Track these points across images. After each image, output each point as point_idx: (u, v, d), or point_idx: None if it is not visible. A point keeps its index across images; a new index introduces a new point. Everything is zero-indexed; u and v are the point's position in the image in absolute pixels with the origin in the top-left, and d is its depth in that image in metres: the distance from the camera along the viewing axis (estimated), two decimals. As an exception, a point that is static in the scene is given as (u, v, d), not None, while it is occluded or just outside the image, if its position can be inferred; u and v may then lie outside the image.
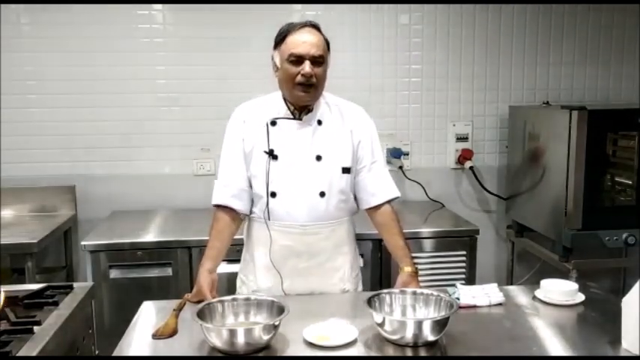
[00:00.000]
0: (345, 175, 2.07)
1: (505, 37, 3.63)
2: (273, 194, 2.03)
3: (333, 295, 2.12)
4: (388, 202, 2.13)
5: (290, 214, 2.04)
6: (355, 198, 2.15)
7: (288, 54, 1.96)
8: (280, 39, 1.99)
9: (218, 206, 2.10)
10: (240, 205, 2.09)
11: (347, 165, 2.07)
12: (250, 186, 2.09)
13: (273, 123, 2.05)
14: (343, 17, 3.50)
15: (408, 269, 2.05)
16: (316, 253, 2.08)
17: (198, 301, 1.92)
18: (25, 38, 3.32)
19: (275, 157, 2.03)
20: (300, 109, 2.05)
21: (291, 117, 2.06)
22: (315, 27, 2.01)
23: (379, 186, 2.13)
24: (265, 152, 2.03)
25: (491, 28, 3.62)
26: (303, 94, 1.99)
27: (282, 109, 2.06)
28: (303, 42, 1.95)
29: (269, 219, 2.05)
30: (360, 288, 2.24)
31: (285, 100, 2.07)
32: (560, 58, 3.69)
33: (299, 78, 1.96)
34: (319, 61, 1.97)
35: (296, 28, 1.98)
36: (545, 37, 3.66)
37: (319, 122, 2.06)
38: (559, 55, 3.68)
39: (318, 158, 2.04)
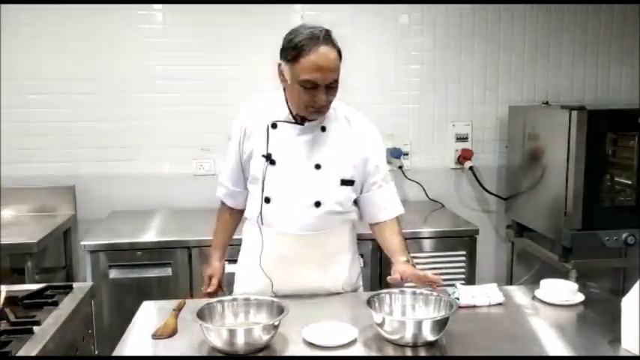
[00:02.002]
0: (344, 187, 2.00)
1: (505, 37, 3.63)
2: (268, 200, 1.98)
3: (333, 295, 2.10)
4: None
5: (283, 221, 1.98)
6: (359, 209, 2.10)
7: (302, 79, 1.81)
8: (294, 56, 1.81)
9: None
10: (233, 204, 2.19)
11: (347, 177, 1.98)
12: (245, 187, 2.11)
13: (274, 126, 1.98)
14: (343, 17, 3.49)
15: (402, 258, 1.96)
16: (308, 262, 2.02)
17: (210, 293, 2.07)
18: (25, 38, 3.32)
19: (273, 162, 1.97)
20: (304, 116, 1.97)
21: (293, 121, 1.97)
22: (331, 40, 1.84)
23: (389, 202, 2.08)
24: (263, 156, 1.98)
25: (491, 28, 3.62)
26: (312, 116, 1.93)
27: (284, 112, 1.99)
28: (319, 67, 1.79)
29: (262, 224, 2.01)
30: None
31: (287, 102, 1.99)
32: (560, 58, 3.69)
33: (311, 103, 1.86)
34: (334, 86, 1.86)
35: (311, 46, 1.79)
36: (545, 37, 3.66)
37: (323, 129, 1.98)
38: (559, 55, 3.68)
39: (317, 167, 1.96)
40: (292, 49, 1.82)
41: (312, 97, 1.85)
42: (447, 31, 3.59)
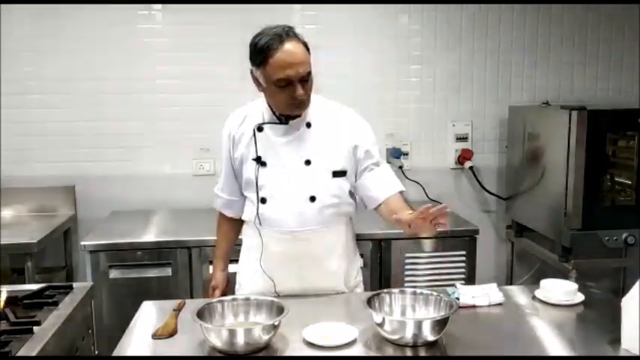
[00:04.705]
0: (337, 178, 2.01)
1: (505, 37, 3.63)
2: (263, 200, 2.01)
3: (333, 295, 2.10)
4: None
5: (280, 220, 2.00)
6: (355, 201, 2.10)
7: (275, 79, 1.85)
8: (262, 59, 1.85)
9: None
10: (231, 213, 2.21)
11: (338, 168, 2.00)
12: (241, 195, 2.13)
13: (260, 129, 2.00)
14: (343, 17, 3.49)
15: (409, 212, 1.87)
16: (308, 259, 2.03)
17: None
18: (25, 38, 3.32)
19: (263, 164, 1.99)
20: (287, 114, 1.99)
21: (277, 122, 1.99)
22: (295, 35, 1.88)
23: (384, 181, 2.06)
24: (253, 159, 2.01)
25: (491, 28, 3.62)
26: (295, 112, 1.95)
27: (267, 115, 2.01)
28: (289, 64, 1.82)
29: (260, 225, 2.03)
30: (361, 290, 2.22)
31: (269, 105, 2.01)
32: (560, 58, 3.69)
33: (291, 100, 1.89)
34: (307, 79, 1.89)
35: (276, 44, 1.82)
36: (545, 37, 3.66)
37: (308, 125, 2.01)
38: (559, 55, 3.68)
39: (307, 162, 1.98)
40: (259, 53, 1.86)
41: (289, 95, 1.88)
42: (447, 31, 3.59)
